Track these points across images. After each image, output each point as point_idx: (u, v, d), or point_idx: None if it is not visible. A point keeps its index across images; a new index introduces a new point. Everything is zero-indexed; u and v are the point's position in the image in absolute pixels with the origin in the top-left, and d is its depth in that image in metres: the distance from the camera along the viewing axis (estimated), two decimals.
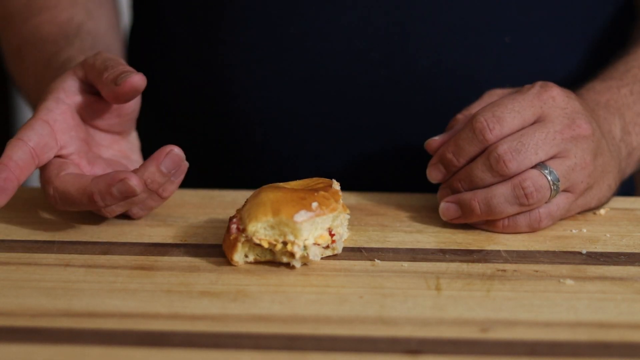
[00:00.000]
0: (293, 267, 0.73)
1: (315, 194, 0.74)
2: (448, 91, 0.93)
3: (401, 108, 0.93)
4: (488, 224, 0.80)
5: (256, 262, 0.74)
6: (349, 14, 0.92)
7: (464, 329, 0.65)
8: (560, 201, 0.79)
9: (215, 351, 0.63)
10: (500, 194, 0.77)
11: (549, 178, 0.77)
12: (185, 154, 1.06)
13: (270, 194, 0.74)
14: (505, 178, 0.77)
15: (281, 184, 0.76)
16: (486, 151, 0.78)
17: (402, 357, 0.62)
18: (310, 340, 0.64)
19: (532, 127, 0.78)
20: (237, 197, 0.86)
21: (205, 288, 0.70)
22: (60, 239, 0.77)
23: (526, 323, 0.66)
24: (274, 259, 0.73)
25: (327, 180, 0.77)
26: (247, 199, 0.75)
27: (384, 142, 0.95)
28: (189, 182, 1.02)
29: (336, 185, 0.76)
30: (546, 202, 0.78)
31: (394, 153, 0.95)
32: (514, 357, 0.63)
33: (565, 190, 0.79)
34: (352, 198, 0.86)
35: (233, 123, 0.97)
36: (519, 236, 0.79)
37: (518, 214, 0.79)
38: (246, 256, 0.74)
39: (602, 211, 0.83)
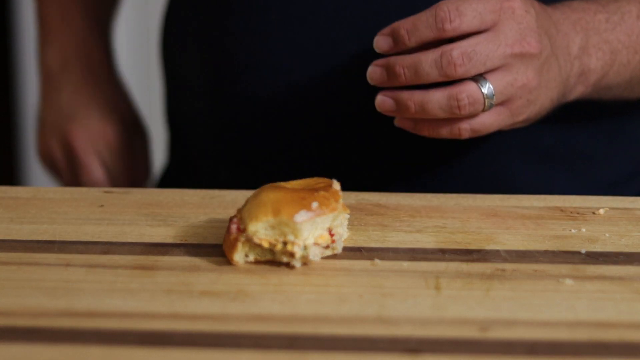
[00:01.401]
0: (293, 267, 0.73)
1: (316, 194, 0.74)
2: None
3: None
4: (415, 128, 0.83)
5: (256, 262, 0.74)
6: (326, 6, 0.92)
7: (463, 328, 0.65)
8: (487, 119, 0.81)
9: (216, 350, 0.63)
10: (436, 101, 0.80)
11: (485, 93, 0.80)
12: (187, 154, 1.07)
13: (271, 194, 0.74)
14: (448, 80, 0.79)
15: (281, 184, 0.77)
16: (439, 49, 0.79)
17: (401, 356, 0.62)
18: (310, 339, 0.64)
19: (486, 36, 0.80)
20: (237, 197, 0.86)
21: (206, 288, 0.70)
22: (61, 239, 0.78)
23: (525, 322, 0.66)
24: (274, 259, 0.74)
25: (327, 180, 0.77)
26: (247, 199, 0.75)
27: (383, 140, 0.94)
28: (189, 182, 1.02)
29: (336, 185, 0.77)
30: (473, 117, 0.81)
31: (394, 152, 0.95)
32: (513, 356, 0.63)
33: (500, 104, 0.81)
34: (352, 198, 0.86)
35: (232, 123, 0.97)
36: (518, 236, 0.79)
37: (442, 122, 0.82)
38: (246, 256, 0.74)
39: (601, 211, 0.83)
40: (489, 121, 0.82)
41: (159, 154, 1.33)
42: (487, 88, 0.79)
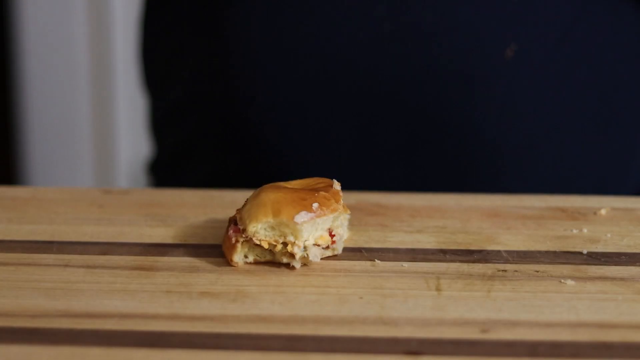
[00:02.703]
0: (293, 268, 0.73)
1: (316, 194, 0.74)
2: (451, 51, 0.91)
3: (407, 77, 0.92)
4: None
5: (256, 263, 0.74)
6: None
7: (464, 329, 0.65)
8: None
9: (215, 352, 0.63)
10: None
11: None
12: (188, 154, 1.06)
13: (271, 194, 0.74)
14: None
15: (282, 184, 0.76)
16: None
17: (402, 357, 0.62)
18: (311, 340, 0.64)
19: None
20: (237, 197, 0.86)
21: (205, 288, 0.70)
22: (60, 240, 0.77)
23: (527, 323, 0.66)
24: (274, 260, 0.73)
25: (327, 180, 0.77)
26: (247, 199, 0.75)
27: (383, 137, 0.94)
28: (189, 182, 1.02)
29: (337, 185, 0.76)
30: None
31: (394, 150, 0.95)
32: (514, 357, 0.63)
33: None
34: (352, 198, 0.86)
35: (233, 121, 0.97)
36: (520, 236, 0.79)
37: None
38: (246, 257, 0.73)
39: (602, 211, 0.83)
40: None
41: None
42: None
